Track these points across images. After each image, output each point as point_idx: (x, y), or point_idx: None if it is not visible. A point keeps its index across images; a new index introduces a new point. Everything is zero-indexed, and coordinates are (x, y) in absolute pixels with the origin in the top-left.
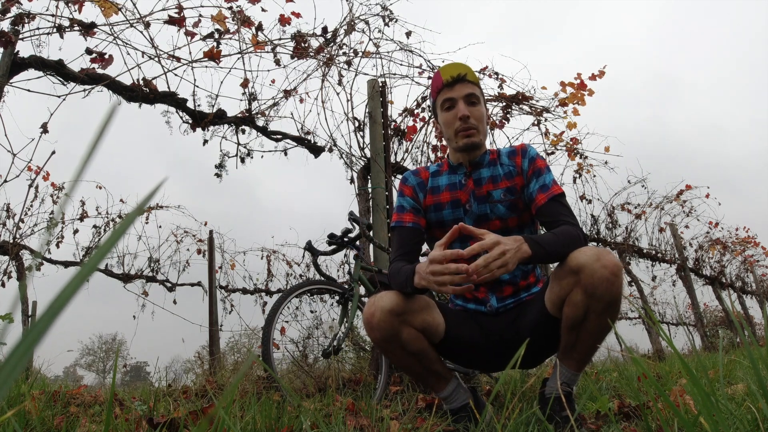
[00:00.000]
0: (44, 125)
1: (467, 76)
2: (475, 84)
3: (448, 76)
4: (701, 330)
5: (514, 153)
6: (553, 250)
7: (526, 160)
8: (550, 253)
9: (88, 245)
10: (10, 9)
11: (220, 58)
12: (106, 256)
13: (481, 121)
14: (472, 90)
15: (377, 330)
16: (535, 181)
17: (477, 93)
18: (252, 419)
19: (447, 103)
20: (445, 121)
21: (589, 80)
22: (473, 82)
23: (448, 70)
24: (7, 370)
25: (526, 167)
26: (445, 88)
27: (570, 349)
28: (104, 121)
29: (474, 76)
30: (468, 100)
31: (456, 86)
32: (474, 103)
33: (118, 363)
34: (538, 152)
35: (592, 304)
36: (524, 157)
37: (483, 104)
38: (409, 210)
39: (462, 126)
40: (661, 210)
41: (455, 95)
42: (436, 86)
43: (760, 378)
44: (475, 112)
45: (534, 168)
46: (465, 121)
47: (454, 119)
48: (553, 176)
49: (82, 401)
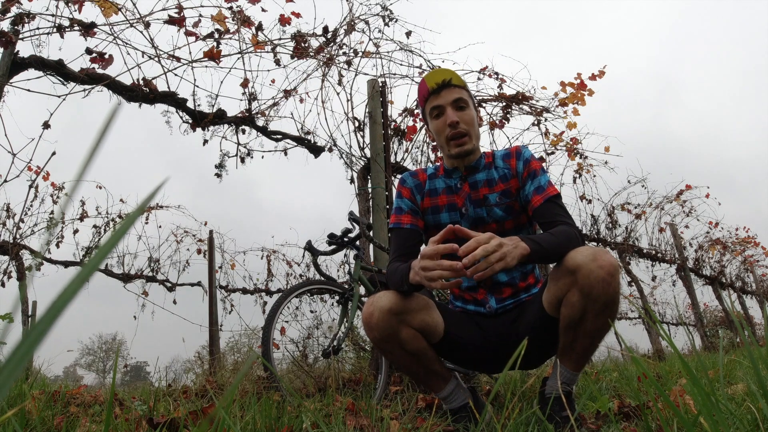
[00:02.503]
0: (46, 123)
1: (452, 81)
2: (462, 87)
3: (433, 83)
4: (701, 330)
5: (508, 155)
6: (551, 249)
7: (521, 162)
8: (548, 251)
9: (88, 245)
10: (10, 9)
11: (220, 58)
12: (106, 257)
13: (471, 124)
14: (459, 94)
15: (376, 330)
16: (531, 183)
17: (464, 96)
18: (252, 419)
19: (435, 111)
20: (435, 129)
21: (589, 80)
22: (460, 86)
23: (433, 77)
24: (7, 370)
25: (521, 169)
26: (431, 95)
27: (568, 349)
28: (106, 123)
29: (459, 80)
30: (456, 105)
31: (442, 92)
32: (462, 107)
33: (118, 363)
34: (533, 153)
35: (588, 304)
36: (519, 159)
37: (472, 107)
38: (407, 212)
39: (452, 133)
40: (661, 210)
41: (442, 102)
42: (422, 95)
43: (760, 378)
44: (465, 116)
45: (529, 170)
46: (454, 128)
47: (444, 127)
48: (548, 177)
49: (82, 401)
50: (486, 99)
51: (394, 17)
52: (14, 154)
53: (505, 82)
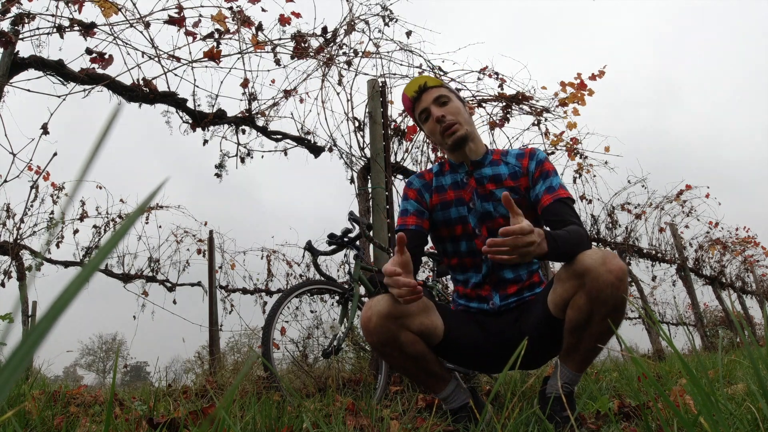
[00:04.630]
0: (44, 126)
1: (428, 84)
2: (439, 86)
3: (411, 92)
4: (701, 330)
5: (522, 155)
6: (565, 249)
7: (534, 162)
8: (563, 251)
9: (88, 245)
10: (10, 9)
11: (220, 58)
12: (107, 257)
13: (458, 113)
14: (437, 93)
15: (374, 334)
16: (542, 183)
17: (444, 93)
18: (252, 419)
19: (423, 114)
20: (429, 131)
21: (589, 80)
22: (436, 86)
23: (410, 88)
24: (8, 371)
25: (533, 169)
26: (414, 103)
27: (572, 351)
28: (107, 123)
29: (434, 81)
30: (438, 102)
31: (422, 96)
32: (444, 102)
33: (118, 363)
34: (547, 156)
35: (596, 308)
36: (532, 159)
37: (456, 99)
38: (413, 213)
39: (442, 127)
40: (661, 210)
41: (425, 104)
42: (407, 106)
43: (760, 378)
44: (449, 109)
45: (541, 170)
46: (442, 122)
47: (434, 125)
48: (560, 180)
49: (82, 401)
50: (486, 99)
51: (394, 17)
52: (14, 154)
53: (505, 82)
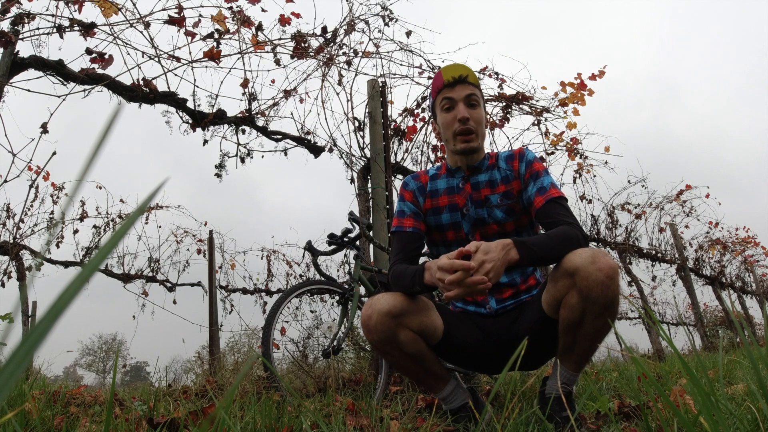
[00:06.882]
0: (44, 125)
1: (468, 78)
2: (476, 86)
3: (449, 76)
4: (701, 330)
5: (511, 157)
6: (545, 253)
7: (524, 164)
8: (541, 256)
9: (88, 245)
10: (10, 9)
11: (220, 58)
12: (107, 257)
13: (480, 123)
14: (472, 91)
15: (374, 332)
16: (533, 185)
17: (477, 95)
18: (252, 419)
19: (447, 103)
20: (443, 122)
21: (589, 80)
22: (474, 84)
23: (450, 71)
24: (8, 371)
25: (524, 171)
26: (445, 88)
27: (568, 351)
28: (107, 124)
29: (475, 78)
30: (468, 102)
31: (457, 87)
32: (474, 105)
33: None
34: (536, 155)
35: (587, 306)
36: (521, 161)
37: (482, 107)
38: (410, 215)
39: (460, 128)
40: (661, 210)
41: (455, 96)
42: (436, 86)
43: (760, 378)
44: (475, 114)
45: (531, 171)
46: (464, 123)
47: (453, 121)
48: (551, 179)
49: (82, 401)
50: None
51: (394, 17)
52: (14, 154)
53: (505, 82)
